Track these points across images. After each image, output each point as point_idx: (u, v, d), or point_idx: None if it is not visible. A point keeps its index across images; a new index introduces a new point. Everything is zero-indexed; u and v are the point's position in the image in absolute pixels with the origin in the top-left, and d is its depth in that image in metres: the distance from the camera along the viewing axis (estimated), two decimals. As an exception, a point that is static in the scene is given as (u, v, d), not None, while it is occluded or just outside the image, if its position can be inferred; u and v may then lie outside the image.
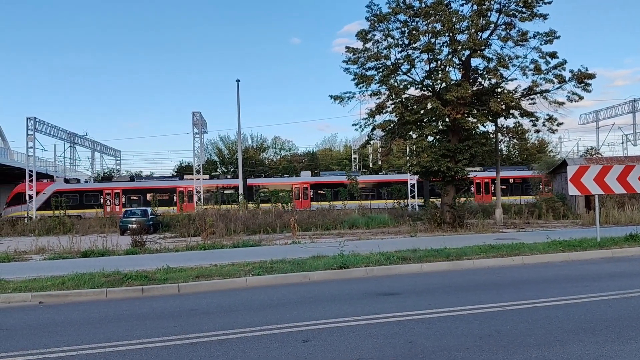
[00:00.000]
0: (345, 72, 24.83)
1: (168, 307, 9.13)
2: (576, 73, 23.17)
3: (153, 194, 41.32)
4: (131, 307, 9.26)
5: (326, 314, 7.88)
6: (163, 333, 7.09)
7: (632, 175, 15.86)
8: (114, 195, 42.24)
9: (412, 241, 17.84)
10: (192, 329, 7.31)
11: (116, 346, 6.57)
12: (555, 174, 34.32)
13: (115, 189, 41.81)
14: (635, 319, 7.01)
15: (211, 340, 6.66)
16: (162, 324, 7.71)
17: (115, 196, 42.29)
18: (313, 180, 44.44)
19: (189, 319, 8.04)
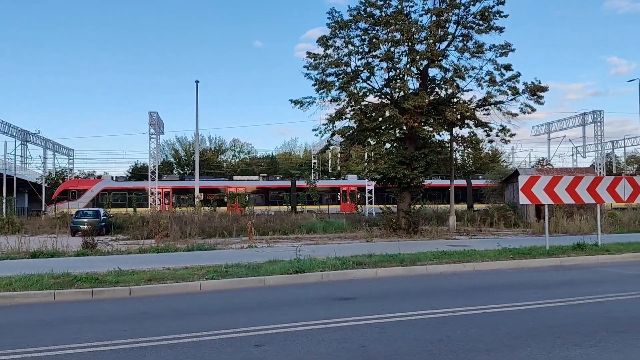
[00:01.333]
0: (306, 77, 24.95)
1: (119, 310, 8.94)
2: (529, 86, 23.88)
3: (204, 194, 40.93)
4: (81, 310, 9.03)
5: (280, 318, 7.86)
6: (113, 336, 6.93)
7: (580, 186, 16.45)
8: (164, 194, 41.78)
9: (368, 246, 18.00)
10: (143, 332, 7.18)
11: (64, 349, 6.39)
12: (507, 183, 35.25)
13: (165, 188, 41.25)
14: (580, 325, 7.25)
15: (162, 344, 6.55)
16: (112, 327, 7.54)
17: (165, 195, 41.98)
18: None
19: (140, 323, 7.90)
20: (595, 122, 40.96)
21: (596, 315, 7.90)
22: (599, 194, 16.54)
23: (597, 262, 14.61)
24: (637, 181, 17.34)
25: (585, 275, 12.34)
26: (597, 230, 17.57)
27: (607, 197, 16.82)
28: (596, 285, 10.80)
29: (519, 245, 16.52)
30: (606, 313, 8.06)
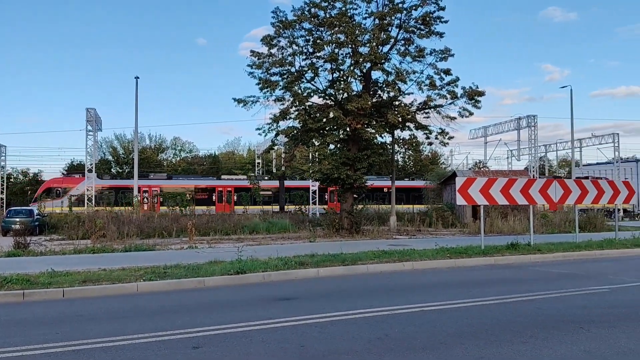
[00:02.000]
0: (250, 76, 24.81)
1: (51, 313, 8.60)
2: (467, 90, 24.60)
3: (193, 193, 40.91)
4: (10, 313, 8.63)
5: (220, 319, 7.78)
6: (44, 340, 6.66)
7: (514, 188, 17.08)
8: (152, 192, 41.14)
9: (311, 246, 18.07)
10: (76, 335, 6.93)
11: (-11, 356, 6.09)
12: (446, 184, 36.18)
13: (153, 187, 40.33)
14: (513, 322, 7.52)
15: (96, 347, 6.35)
16: (44, 331, 7.25)
17: (153, 194, 41.36)
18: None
19: (74, 326, 7.63)
20: (529, 127, 42.61)
21: (528, 312, 8.22)
22: (531, 195, 17.24)
23: (529, 261, 15.22)
24: (567, 184, 18.21)
25: (518, 274, 12.82)
26: (530, 230, 18.32)
27: (539, 198, 17.55)
28: (528, 283, 11.23)
29: (455, 245, 16.98)
30: (537, 310, 8.39)
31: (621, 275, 12.06)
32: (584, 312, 8.23)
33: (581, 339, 6.53)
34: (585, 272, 12.97)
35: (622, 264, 14.50)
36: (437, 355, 5.94)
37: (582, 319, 7.62)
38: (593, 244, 17.53)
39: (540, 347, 6.25)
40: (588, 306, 8.69)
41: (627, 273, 12.54)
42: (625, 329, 7.01)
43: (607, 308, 8.53)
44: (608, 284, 10.78)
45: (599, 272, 12.86)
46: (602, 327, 7.15)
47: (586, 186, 18.29)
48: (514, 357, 5.86)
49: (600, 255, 16.44)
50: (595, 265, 14.24)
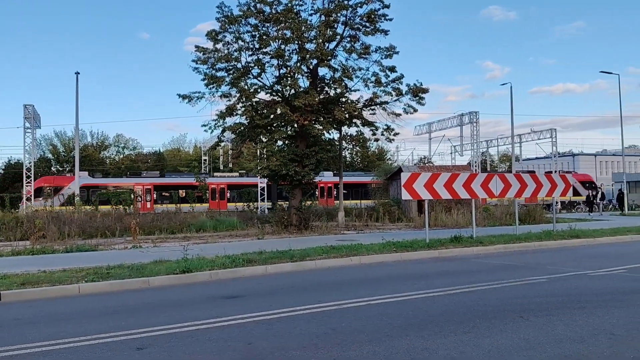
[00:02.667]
0: (195, 71, 24.41)
1: (-15, 319, 8.22)
2: (412, 87, 25.01)
3: (185, 190, 40.80)
4: (-61, 321, 8.19)
5: (165, 320, 7.64)
6: (-23, 348, 6.37)
7: (457, 182, 17.52)
8: (145, 190, 40.65)
9: (259, 243, 17.99)
10: (14, 340, 6.66)
11: None
12: (392, 180, 36.72)
13: (146, 185, 39.45)
14: (455, 313, 7.72)
15: (35, 352, 6.12)
16: (-23, 338, 6.93)
17: (146, 192, 40.86)
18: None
19: (12, 330, 7.34)
20: (471, 123, 43.75)
21: (470, 303, 8.45)
22: (473, 189, 17.73)
23: (472, 253, 15.66)
24: (507, 178, 18.82)
25: (461, 266, 13.17)
26: (472, 223, 18.85)
27: (481, 192, 18.07)
28: (471, 275, 11.56)
29: (402, 239, 17.27)
30: (479, 301, 8.65)
31: (558, 266, 12.56)
32: (523, 301, 8.53)
33: (521, 328, 6.77)
34: (525, 263, 13.45)
35: (560, 255, 15.11)
36: (382, 348, 6.03)
37: (521, 309, 7.90)
38: (532, 236, 18.19)
39: (482, 336, 6.44)
40: (527, 296, 9.01)
41: (564, 263, 13.07)
42: (562, 317, 7.30)
43: (545, 297, 8.87)
44: (546, 274, 11.21)
45: (538, 262, 13.36)
46: (540, 315, 7.43)
47: (525, 180, 18.96)
48: (457, 347, 6.02)
49: (539, 246, 17.08)
50: (534, 256, 14.79)
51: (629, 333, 6.42)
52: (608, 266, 12.16)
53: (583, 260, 13.67)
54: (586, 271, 11.58)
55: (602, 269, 11.76)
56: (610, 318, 7.19)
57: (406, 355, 5.75)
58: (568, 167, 70.83)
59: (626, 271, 11.49)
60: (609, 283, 10.12)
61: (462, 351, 5.85)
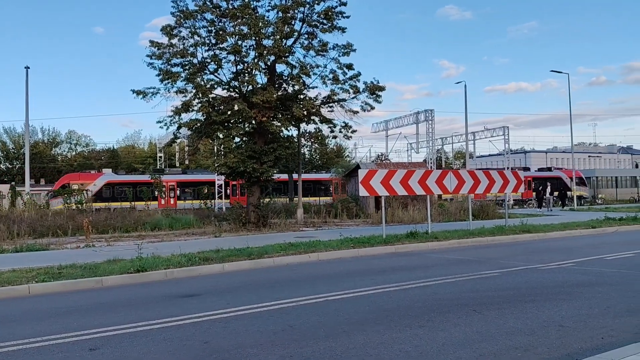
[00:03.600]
0: (150, 67, 23.92)
1: None
2: (369, 85, 25.18)
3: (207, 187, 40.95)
4: None
5: (119, 320, 7.49)
6: None
7: (413, 179, 17.78)
8: (169, 187, 41.11)
9: (217, 241, 17.82)
10: (-44, 346, 6.40)
11: None
12: (350, 177, 36.99)
13: (170, 182, 39.30)
14: (411, 308, 7.84)
15: (-20, 358, 5.91)
16: None
17: (170, 189, 41.41)
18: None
19: (-46, 335, 7.03)
20: (427, 121, 44.44)
21: (425, 297, 8.61)
22: (429, 186, 18.03)
23: (427, 248, 15.93)
24: (461, 174, 19.20)
25: (417, 261, 13.38)
26: (428, 219, 19.17)
27: (436, 189, 18.40)
28: (426, 269, 11.76)
29: (359, 235, 17.40)
30: (434, 295, 8.81)
31: (510, 260, 12.90)
32: (476, 295, 8.73)
33: (474, 321, 6.93)
34: (478, 257, 13.77)
35: (512, 249, 15.53)
36: (339, 343, 6.07)
37: (474, 302, 8.09)
38: (485, 231, 18.62)
39: (437, 330, 6.57)
40: (480, 290, 9.23)
41: (516, 257, 13.42)
42: (513, 310, 7.51)
43: (497, 291, 9.11)
44: (498, 268, 11.51)
45: (490, 257, 13.70)
46: (492, 309, 7.63)
47: (478, 176, 19.38)
48: (412, 341, 6.11)
49: (492, 241, 17.51)
50: (488, 251, 15.15)
51: (576, 325, 6.65)
52: (557, 260, 12.56)
53: (534, 254, 14.07)
54: (537, 265, 11.93)
55: (552, 263, 12.15)
56: (559, 310, 7.43)
57: (362, 350, 5.81)
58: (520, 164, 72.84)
59: (575, 265, 11.90)
60: (558, 276, 10.45)
61: (416, 345, 5.95)
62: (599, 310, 7.35)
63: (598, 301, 7.97)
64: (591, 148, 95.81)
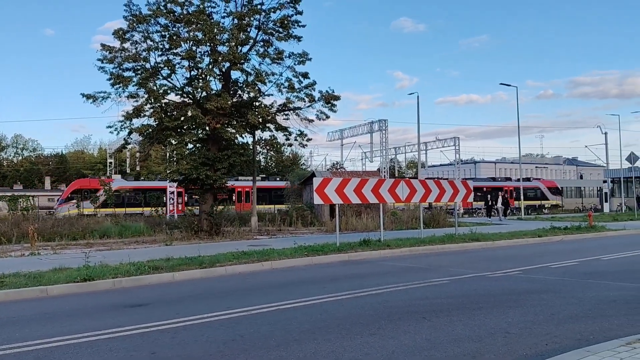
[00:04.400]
0: (101, 70, 23.42)
1: None
2: (324, 94, 25.34)
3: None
4: None
5: (64, 330, 7.25)
6: None
7: (366, 187, 17.97)
8: (177, 193, 40.62)
9: (167, 250, 17.51)
10: None
11: None
12: (305, 184, 37.03)
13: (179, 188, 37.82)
14: (362, 316, 7.88)
15: None
16: None
17: (178, 195, 41.25)
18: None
19: None
20: (381, 130, 44.98)
21: (376, 305, 8.67)
22: (381, 194, 18.25)
23: (380, 256, 16.09)
24: (413, 183, 19.52)
25: (369, 269, 13.49)
26: (381, 227, 19.38)
27: (388, 197, 18.64)
28: (378, 277, 11.86)
29: (313, 243, 17.42)
30: (385, 303, 8.89)
31: (460, 268, 13.16)
32: (426, 302, 8.86)
33: (423, 328, 7.03)
34: (429, 265, 14.00)
35: (461, 257, 15.85)
36: (290, 352, 6.05)
37: (424, 310, 8.21)
38: (436, 239, 18.94)
39: (387, 337, 6.62)
40: (430, 297, 9.38)
41: (465, 265, 13.71)
42: (461, 317, 7.66)
43: (446, 298, 9.27)
44: (448, 276, 11.73)
45: (440, 265, 13.95)
46: (441, 316, 7.75)
47: (429, 185, 19.76)
48: (362, 349, 6.15)
49: (442, 249, 17.83)
50: (438, 259, 15.42)
51: (522, 331, 6.82)
52: (505, 268, 12.89)
53: (482, 262, 14.40)
54: (485, 273, 12.22)
55: (500, 271, 12.46)
56: (505, 317, 7.62)
57: (313, 359, 5.80)
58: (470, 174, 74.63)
59: (521, 272, 12.24)
60: (505, 284, 10.73)
61: (367, 353, 5.99)
62: (544, 317, 7.57)
63: (543, 308, 8.20)
64: (538, 159, 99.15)
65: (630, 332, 6.40)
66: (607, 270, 12.48)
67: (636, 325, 6.92)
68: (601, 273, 11.92)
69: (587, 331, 6.71)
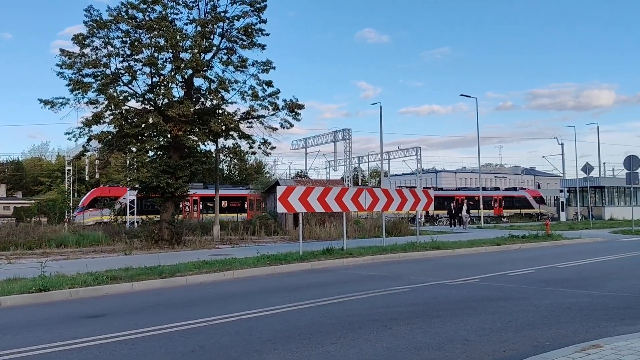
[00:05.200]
0: (59, 76, 22.91)
1: None
2: (288, 102, 25.37)
3: (227, 201, 43.09)
4: None
5: (16, 342, 7.02)
6: None
7: (329, 196, 18.02)
8: (192, 201, 41.69)
9: (127, 259, 17.15)
10: None
11: None
12: (269, 193, 36.90)
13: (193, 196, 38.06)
14: (324, 325, 7.88)
15: None
16: None
17: (194, 202, 42.62)
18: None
19: None
20: (345, 140, 45.30)
21: (338, 314, 8.68)
22: (345, 203, 18.34)
23: (342, 264, 16.13)
24: (375, 192, 19.68)
25: (332, 277, 13.51)
26: (344, 236, 19.44)
27: (351, 206, 18.74)
28: (341, 285, 11.88)
29: (276, 252, 17.34)
30: (347, 311, 8.90)
31: (420, 276, 13.31)
32: (387, 311, 8.92)
33: (384, 337, 7.07)
34: (391, 273, 14.11)
35: (422, 265, 16.03)
36: (251, 363, 6.00)
37: (385, 318, 8.26)
38: (398, 247, 19.10)
39: (348, 346, 6.64)
40: (391, 305, 9.44)
41: (426, 273, 13.87)
42: (421, 325, 7.73)
43: (407, 306, 9.35)
44: (409, 284, 11.84)
45: (402, 273, 14.07)
46: (402, 324, 7.81)
47: (391, 194, 19.95)
48: (323, 358, 6.14)
49: (403, 257, 17.99)
50: (399, 267, 15.56)
51: (480, 339, 6.93)
52: (464, 276, 13.10)
53: (443, 270, 14.60)
54: (445, 281, 12.39)
55: (459, 279, 12.65)
56: (464, 325, 7.73)
57: (274, 369, 5.77)
58: (431, 183, 75.70)
59: (480, 280, 12.45)
60: (464, 292, 10.90)
61: (328, 362, 5.99)
62: (502, 325, 7.71)
63: (500, 316, 8.36)
64: (497, 169, 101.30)
65: (584, 339, 6.57)
66: (562, 277, 12.81)
67: (590, 331, 7.13)
68: (557, 280, 12.23)
69: (544, 338, 6.86)
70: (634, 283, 11.73)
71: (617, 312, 8.48)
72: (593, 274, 13.49)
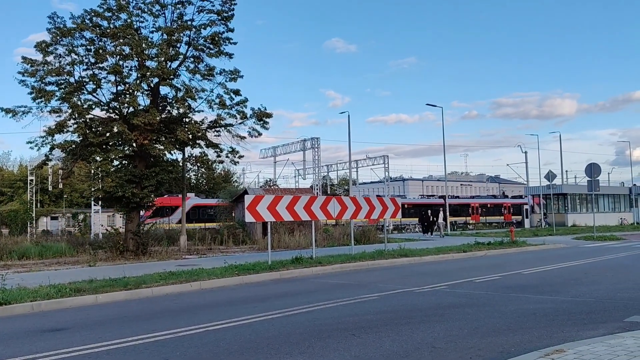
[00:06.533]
0: (21, 84, 22.39)
1: None
2: (256, 111, 25.24)
3: None
4: None
5: (-27, 360, 6.78)
6: None
7: (298, 204, 18.00)
8: None
9: (91, 271, 16.77)
10: None
11: None
12: (237, 202, 36.61)
13: None
14: (292, 334, 7.83)
15: None
16: None
17: None
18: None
19: None
20: (313, 148, 45.37)
21: (307, 323, 8.65)
22: (313, 211, 18.34)
23: (311, 273, 16.10)
24: (344, 200, 19.75)
25: (301, 287, 13.47)
26: (312, 244, 19.43)
27: (320, 214, 18.75)
28: (309, 295, 11.85)
29: (244, 262, 17.22)
30: (315, 320, 8.88)
31: (389, 283, 13.37)
32: (356, 319, 8.92)
33: (352, 345, 7.07)
34: (359, 281, 14.14)
35: (390, 273, 16.11)
36: (218, 375, 5.92)
37: (353, 326, 8.26)
38: (366, 255, 19.17)
39: (316, 356, 6.61)
40: (359, 313, 9.46)
41: (394, 281, 13.94)
42: (389, 333, 7.76)
43: (375, 314, 9.38)
44: (377, 292, 11.88)
45: (370, 281, 14.11)
46: (370, 332, 7.83)
47: (360, 203, 20.06)
48: (292, 368, 6.11)
49: (372, 265, 18.07)
50: (368, 275, 15.61)
51: (447, 345, 7.00)
52: (432, 283, 13.21)
53: (411, 277, 14.70)
54: (413, 288, 12.48)
55: (427, 286, 12.75)
56: (432, 332, 7.79)
57: (241, 380, 5.70)
58: (399, 191, 76.35)
59: (447, 287, 12.58)
60: (432, 299, 10.99)
61: (296, 372, 5.95)
62: (468, 331, 7.80)
63: (467, 322, 8.45)
64: (463, 177, 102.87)
65: (549, 344, 6.70)
66: (527, 283, 13.04)
67: (553, 336, 7.26)
68: (522, 286, 12.44)
69: (509, 343, 6.96)
70: (596, 288, 12.02)
71: (579, 317, 8.67)
72: (557, 279, 13.78)
